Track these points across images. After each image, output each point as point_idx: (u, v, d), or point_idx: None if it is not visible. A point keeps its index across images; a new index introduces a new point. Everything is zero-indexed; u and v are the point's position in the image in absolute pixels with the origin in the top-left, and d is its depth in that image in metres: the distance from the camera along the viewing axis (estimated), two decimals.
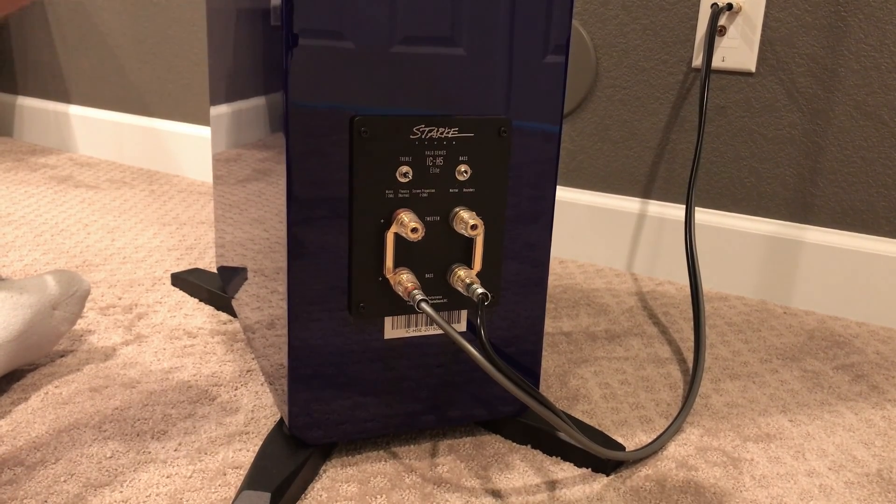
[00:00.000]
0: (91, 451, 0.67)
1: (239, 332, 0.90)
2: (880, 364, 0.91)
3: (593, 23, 1.16)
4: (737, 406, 0.79)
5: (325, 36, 0.55)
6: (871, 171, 1.02)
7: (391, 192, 0.59)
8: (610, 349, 0.91)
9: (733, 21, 1.05)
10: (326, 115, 0.57)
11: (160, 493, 0.62)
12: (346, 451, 0.68)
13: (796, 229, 1.07)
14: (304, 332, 0.61)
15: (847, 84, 1.01)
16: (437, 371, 0.66)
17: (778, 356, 0.92)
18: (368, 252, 0.60)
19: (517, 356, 0.69)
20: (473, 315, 0.65)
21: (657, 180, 1.16)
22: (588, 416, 0.76)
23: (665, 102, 1.13)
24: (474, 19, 0.59)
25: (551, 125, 0.63)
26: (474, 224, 0.59)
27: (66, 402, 0.74)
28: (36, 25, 1.83)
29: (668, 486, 0.66)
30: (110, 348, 0.86)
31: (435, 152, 0.60)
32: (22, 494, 0.61)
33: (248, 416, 0.73)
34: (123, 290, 1.02)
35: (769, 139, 1.07)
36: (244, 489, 0.60)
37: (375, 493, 0.63)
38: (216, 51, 0.87)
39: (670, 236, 1.15)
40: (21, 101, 1.91)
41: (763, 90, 1.06)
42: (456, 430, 0.72)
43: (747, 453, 0.71)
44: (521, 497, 0.63)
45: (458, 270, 0.62)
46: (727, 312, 1.04)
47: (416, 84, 0.59)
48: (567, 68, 0.63)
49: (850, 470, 0.69)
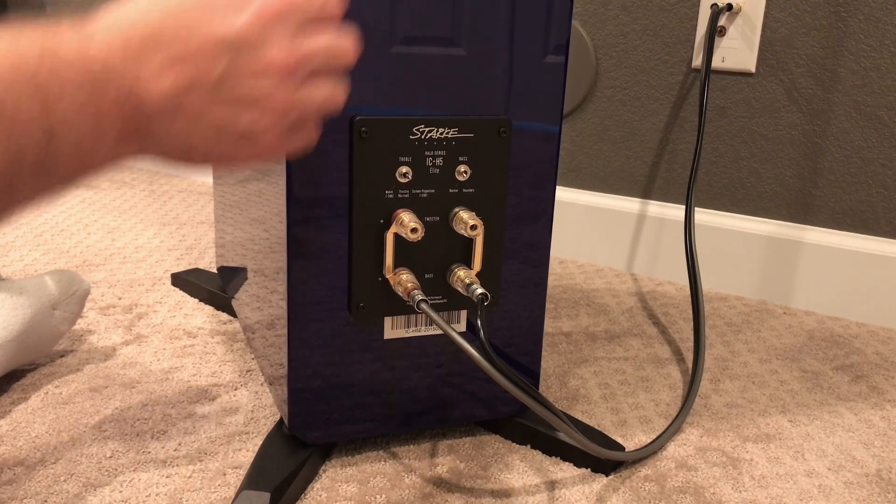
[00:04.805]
0: (91, 450, 0.67)
1: (239, 332, 0.90)
2: (880, 364, 0.91)
3: (593, 23, 1.16)
4: (736, 406, 0.80)
5: None
6: (870, 171, 1.02)
7: (391, 193, 0.59)
8: (609, 349, 0.91)
9: (733, 21, 1.05)
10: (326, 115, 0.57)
11: (160, 493, 0.62)
12: (346, 451, 0.68)
13: (796, 230, 1.07)
14: (303, 332, 0.61)
15: (847, 84, 1.01)
16: (437, 371, 0.66)
17: (777, 356, 0.92)
18: (368, 252, 0.60)
19: (517, 356, 0.69)
20: (473, 315, 0.65)
21: (657, 180, 1.16)
22: (587, 417, 0.76)
23: (665, 103, 1.13)
24: (474, 20, 0.59)
25: (551, 125, 0.63)
26: (474, 224, 0.59)
27: (65, 401, 0.74)
28: None
29: (667, 487, 0.66)
30: (110, 348, 0.86)
31: (435, 152, 0.60)
32: (22, 494, 0.61)
33: (248, 416, 0.73)
34: (123, 290, 1.02)
35: (769, 139, 1.07)
36: (244, 489, 0.60)
37: (375, 493, 0.63)
38: None
39: (670, 236, 1.15)
40: None
41: (763, 91, 1.06)
42: (455, 431, 0.72)
43: (747, 453, 0.71)
44: (520, 497, 0.63)
45: (458, 271, 0.62)
46: (727, 313, 1.04)
47: (416, 84, 0.59)
48: (567, 69, 0.63)
49: (850, 470, 0.69)
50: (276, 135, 0.46)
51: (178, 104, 0.42)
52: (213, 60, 0.42)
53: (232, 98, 0.43)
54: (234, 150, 0.45)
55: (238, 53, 0.43)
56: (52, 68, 0.38)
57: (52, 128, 0.38)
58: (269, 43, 0.44)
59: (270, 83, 0.44)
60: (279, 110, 0.45)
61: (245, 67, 0.43)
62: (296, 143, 0.48)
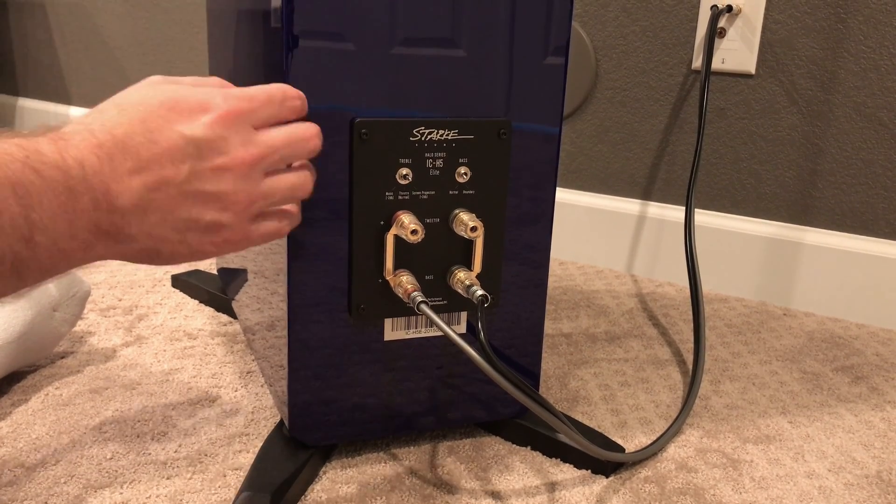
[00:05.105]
0: (91, 452, 0.67)
1: (239, 333, 0.90)
2: (880, 366, 0.91)
3: (593, 25, 1.16)
4: (736, 408, 0.79)
5: (325, 37, 0.56)
6: (870, 172, 1.02)
7: (391, 194, 0.59)
8: (610, 351, 0.91)
9: (733, 23, 1.05)
10: (326, 116, 0.57)
11: (160, 495, 0.62)
12: (346, 452, 0.68)
13: (796, 231, 1.07)
14: (304, 333, 0.61)
15: (847, 86, 1.01)
16: (437, 373, 0.66)
17: (777, 358, 0.92)
18: (368, 254, 0.60)
19: (517, 358, 0.69)
20: (473, 317, 0.65)
21: (657, 182, 1.16)
22: (588, 418, 0.76)
23: (665, 104, 1.13)
24: (474, 21, 0.59)
25: (551, 127, 0.63)
26: (474, 226, 0.59)
27: (66, 403, 0.74)
28: (36, 27, 1.84)
29: (667, 488, 0.66)
30: (110, 350, 0.86)
31: (435, 154, 0.60)
32: (22, 496, 0.61)
33: (248, 418, 0.73)
34: (124, 292, 1.02)
35: (769, 141, 1.07)
36: (244, 491, 0.60)
37: (375, 494, 0.63)
38: (216, 52, 0.87)
39: (670, 238, 1.15)
40: (22, 102, 1.91)
41: (763, 92, 1.06)
42: (456, 432, 0.72)
43: (747, 455, 0.71)
44: (520, 499, 0.63)
45: (458, 272, 0.62)
46: (727, 314, 1.04)
47: (416, 86, 0.59)
48: (567, 70, 0.63)
49: (850, 471, 0.69)
50: (241, 226, 0.49)
51: (147, 203, 0.45)
52: (179, 162, 0.46)
53: (197, 194, 0.47)
54: (201, 243, 0.48)
55: (200, 153, 0.46)
56: (35, 167, 0.41)
57: (31, 230, 0.41)
58: (229, 141, 0.47)
59: (232, 178, 0.48)
60: (242, 203, 0.48)
61: (208, 166, 0.47)
62: (263, 232, 0.51)
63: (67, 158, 0.42)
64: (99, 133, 0.44)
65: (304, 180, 0.52)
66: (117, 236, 0.45)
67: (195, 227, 0.47)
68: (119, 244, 0.45)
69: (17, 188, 0.40)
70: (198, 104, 0.47)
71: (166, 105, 0.46)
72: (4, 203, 0.39)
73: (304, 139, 0.51)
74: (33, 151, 0.41)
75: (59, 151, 0.42)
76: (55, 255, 0.42)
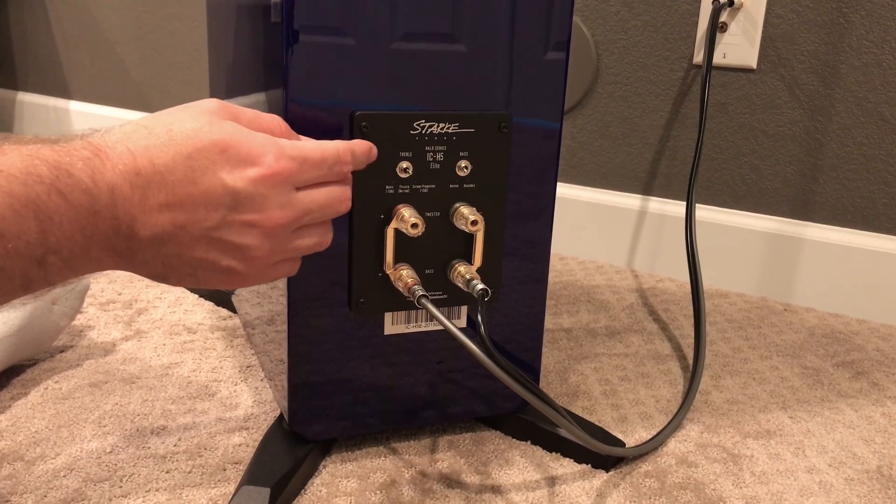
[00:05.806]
0: (91, 446, 0.67)
1: (239, 327, 0.90)
2: (880, 361, 0.91)
3: (594, 19, 1.15)
4: (737, 403, 0.79)
5: (325, 32, 0.55)
6: (871, 167, 1.02)
7: (391, 188, 0.59)
8: (610, 345, 0.91)
9: (734, 17, 1.05)
10: (327, 111, 0.56)
11: (159, 489, 0.62)
12: (346, 446, 0.68)
13: (797, 226, 1.07)
14: (303, 327, 0.61)
15: (848, 81, 1.00)
16: (437, 367, 0.66)
17: (778, 353, 0.91)
18: (368, 248, 0.60)
19: (517, 352, 0.69)
20: (474, 311, 0.65)
21: (658, 177, 1.16)
22: (588, 413, 0.76)
23: (666, 99, 1.13)
24: (475, 15, 0.59)
25: (552, 121, 0.63)
26: (474, 220, 0.59)
27: (65, 397, 0.74)
28: (36, 21, 1.83)
29: (667, 483, 0.66)
30: (110, 344, 0.86)
31: (435, 148, 0.59)
32: (21, 489, 0.61)
33: (248, 412, 0.73)
34: (123, 286, 1.02)
35: (770, 136, 1.07)
36: (244, 484, 0.60)
37: (375, 488, 0.63)
38: (216, 47, 0.87)
39: (671, 233, 1.15)
40: (21, 96, 1.91)
41: (764, 87, 1.06)
42: (456, 426, 0.72)
43: (747, 450, 0.71)
44: (520, 493, 0.63)
45: (459, 266, 0.62)
46: (727, 309, 1.04)
47: (416, 80, 0.59)
48: (568, 65, 0.63)
49: (850, 466, 0.69)
50: (255, 275, 0.49)
51: (169, 238, 0.44)
52: (213, 209, 0.44)
53: (221, 242, 0.46)
54: (210, 280, 0.48)
55: (236, 205, 0.45)
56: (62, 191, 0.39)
57: (45, 253, 0.40)
58: (269, 201, 0.46)
59: (260, 235, 0.46)
60: (262, 259, 0.48)
61: (239, 219, 0.45)
62: (276, 275, 0.51)
63: (100, 183, 0.41)
64: (140, 158, 0.42)
65: (326, 238, 0.52)
66: (131, 259, 0.44)
67: (209, 268, 0.46)
68: (129, 264, 0.45)
69: (39, 213, 0.39)
70: (248, 156, 0.45)
71: (218, 147, 0.44)
72: (24, 226, 0.38)
73: (338, 202, 0.51)
74: (64, 173, 0.40)
75: (92, 176, 0.41)
76: (65, 272, 0.42)
